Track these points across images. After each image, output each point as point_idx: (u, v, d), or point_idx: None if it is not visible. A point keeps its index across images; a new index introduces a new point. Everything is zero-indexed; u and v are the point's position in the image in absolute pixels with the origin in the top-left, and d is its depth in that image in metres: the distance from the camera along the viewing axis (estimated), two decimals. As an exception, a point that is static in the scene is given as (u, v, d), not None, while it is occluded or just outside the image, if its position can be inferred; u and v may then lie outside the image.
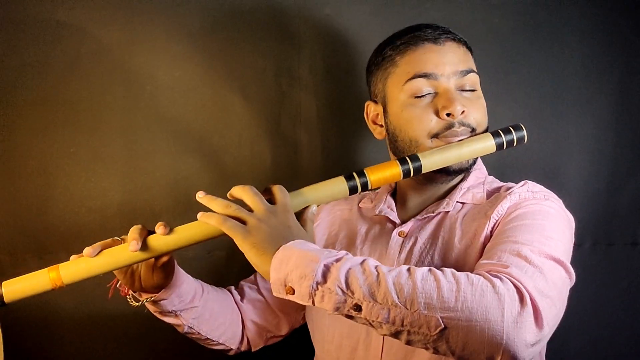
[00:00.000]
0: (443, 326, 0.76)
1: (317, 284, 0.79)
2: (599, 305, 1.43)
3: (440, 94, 1.03)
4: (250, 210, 0.88)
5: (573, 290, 1.01)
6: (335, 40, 1.42)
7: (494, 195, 1.06)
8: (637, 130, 1.42)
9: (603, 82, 1.42)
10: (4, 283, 0.91)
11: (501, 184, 1.11)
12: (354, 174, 0.96)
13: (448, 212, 1.06)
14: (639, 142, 1.43)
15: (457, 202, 1.07)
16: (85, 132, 1.33)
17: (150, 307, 1.07)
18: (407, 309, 0.77)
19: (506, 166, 1.39)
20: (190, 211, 1.37)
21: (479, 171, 1.12)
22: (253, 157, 1.40)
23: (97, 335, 1.37)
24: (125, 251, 0.90)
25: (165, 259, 0.97)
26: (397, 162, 0.98)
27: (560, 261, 0.88)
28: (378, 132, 1.14)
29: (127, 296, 1.04)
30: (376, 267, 0.81)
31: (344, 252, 0.84)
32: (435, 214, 1.06)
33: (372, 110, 1.14)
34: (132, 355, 1.40)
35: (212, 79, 1.38)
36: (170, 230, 0.92)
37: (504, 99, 1.42)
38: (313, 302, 0.80)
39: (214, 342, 1.17)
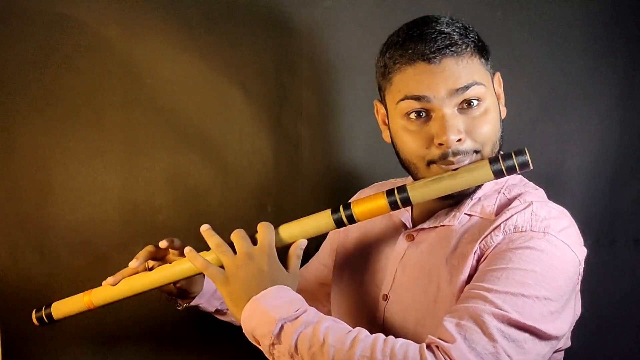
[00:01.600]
0: None
1: (274, 344, 0.85)
2: (601, 303, 1.42)
3: (434, 119, 0.93)
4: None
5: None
6: (336, 34, 1.40)
7: (503, 210, 0.96)
8: (641, 128, 1.42)
9: (607, 79, 1.41)
10: (53, 304, 1.09)
11: (522, 190, 1.00)
12: (340, 207, 0.96)
13: (451, 225, 0.99)
14: (643, 139, 1.42)
15: (465, 214, 0.99)
16: (85, 127, 1.32)
17: (201, 309, 1.17)
18: None
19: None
20: (190, 206, 1.39)
21: None
22: (254, 152, 1.40)
23: (99, 334, 1.37)
24: (141, 280, 1.03)
25: (179, 284, 1.08)
26: (384, 194, 0.94)
27: (529, 327, 0.82)
28: (386, 135, 1.07)
29: (173, 302, 1.16)
30: (326, 332, 0.83)
31: (303, 309, 0.87)
32: (439, 225, 1.01)
33: (380, 110, 1.07)
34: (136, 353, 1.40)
35: (213, 73, 1.36)
36: (178, 255, 1.04)
37: (507, 96, 1.40)
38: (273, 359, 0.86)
39: None
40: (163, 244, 1.02)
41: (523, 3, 1.42)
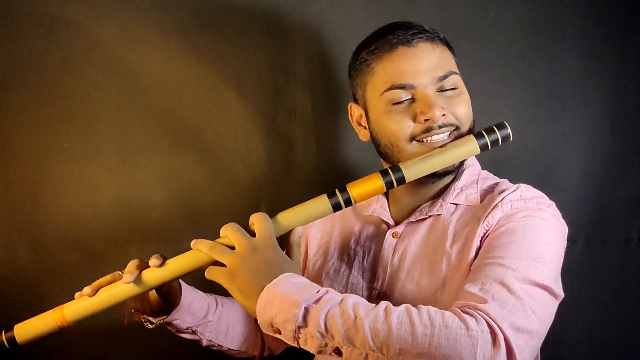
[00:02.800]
0: None
1: (299, 327, 0.81)
2: (592, 302, 1.43)
3: (418, 100, 1.01)
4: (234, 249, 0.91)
5: (567, 287, 1.02)
6: (330, 35, 1.41)
7: (487, 197, 1.04)
8: (632, 128, 1.42)
9: (599, 79, 1.42)
10: (15, 327, 0.96)
11: (495, 180, 1.09)
12: (336, 191, 0.97)
13: (441, 214, 1.04)
14: (634, 139, 1.43)
15: (450, 203, 1.05)
16: (80, 127, 1.33)
17: (169, 328, 1.11)
18: (384, 354, 0.78)
19: (501, 163, 1.39)
20: (184, 206, 1.39)
21: (472, 168, 1.10)
22: (248, 152, 1.40)
23: (97, 334, 1.36)
24: (122, 287, 0.94)
25: (164, 288, 1.02)
26: (379, 174, 0.97)
27: (545, 286, 0.88)
28: (363, 134, 1.13)
29: (142, 321, 1.09)
30: (354, 307, 0.81)
31: (324, 290, 0.85)
32: (427, 216, 1.05)
33: (355, 112, 1.13)
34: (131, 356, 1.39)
35: (207, 74, 1.37)
36: (162, 262, 0.95)
37: (499, 95, 1.42)
38: (298, 344, 0.82)
39: (237, 352, 1.22)
40: (153, 261, 0.95)
41: (515, 5, 1.43)
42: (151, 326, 1.09)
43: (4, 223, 1.31)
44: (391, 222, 1.10)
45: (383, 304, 0.83)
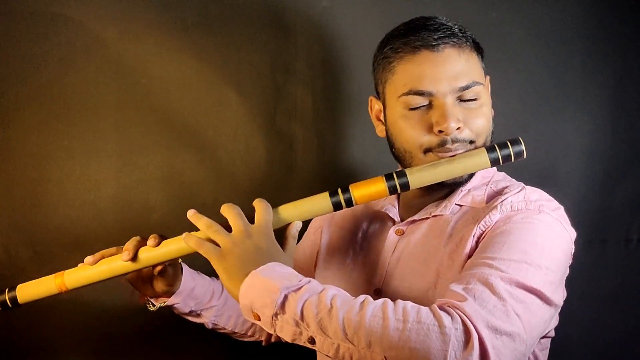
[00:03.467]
0: None
1: (277, 314, 0.81)
2: (592, 302, 1.44)
3: (434, 108, 0.97)
4: (231, 229, 0.92)
5: (567, 287, 1.02)
6: (332, 34, 1.41)
7: (493, 198, 1.00)
8: (633, 129, 1.43)
9: (601, 80, 1.43)
10: (18, 286, 1.02)
11: (508, 183, 1.05)
12: (339, 190, 0.97)
13: (443, 215, 1.02)
14: (634, 140, 1.43)
15: (455, 204, 1.03)
16: (79, 126, 1.32)
17: (174, 311, 1.15)
18: (354, 345, 0.77)
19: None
20: (184, 205, 1.37)
21: (486, 170, 1.06)
22: (248, 151, 1.40)
23: (96, 335, 1.37)
24: (120, 263, 0.98)
25: (159, 268, 1.04)
26: (383, 178, 0.96)
27: (535, 290, 0.84)
28: (380, 130, 1.10)
29: (145, 303, 1.13)
30: (332, 298, 0.81)
31: (306, 280, 0.84)
32: (431, 215, 1.04)
33: (375, 106, 1.11)
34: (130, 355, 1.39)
35: (207, 73, 1.37)
36: (159, 242, 0.99)
37: (501, 96, 1.41)
38: (275, 331, 0.82)
39: (244, 335, 1.24)
40: (150, 241, 0.99)
41: (517, 4, 1.43)
42: (153, 308, 1.12)
43: (3, 222, 1.30)
44: (397, 220, 1.09)
45: (362, 297, 0.82)
